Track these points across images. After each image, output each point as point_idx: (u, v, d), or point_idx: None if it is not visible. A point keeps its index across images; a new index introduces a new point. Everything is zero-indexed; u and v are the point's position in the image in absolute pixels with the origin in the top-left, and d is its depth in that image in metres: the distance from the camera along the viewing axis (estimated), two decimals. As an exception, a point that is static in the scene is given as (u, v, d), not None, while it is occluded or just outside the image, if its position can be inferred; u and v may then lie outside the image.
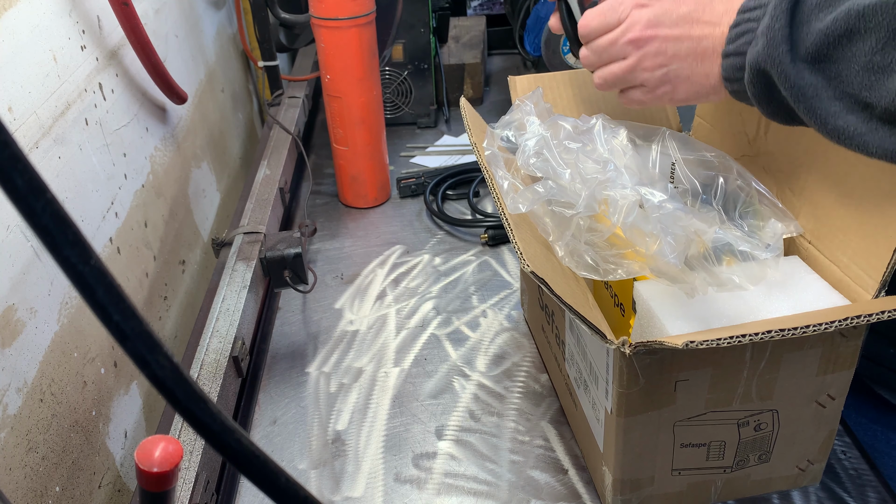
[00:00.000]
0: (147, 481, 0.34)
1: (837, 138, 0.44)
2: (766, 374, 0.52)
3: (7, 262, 0.60)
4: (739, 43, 0.48)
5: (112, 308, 0.22)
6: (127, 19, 0.81)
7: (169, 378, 0.23)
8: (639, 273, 0.52)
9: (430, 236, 1.01)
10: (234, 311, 0.74)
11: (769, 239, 0.54)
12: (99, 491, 0.71)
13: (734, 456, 0.57)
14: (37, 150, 0.66)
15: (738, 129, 0.66)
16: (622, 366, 0.49)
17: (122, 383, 0.79)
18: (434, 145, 1.25)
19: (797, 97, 0.45)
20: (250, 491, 0.65)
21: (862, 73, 0.42)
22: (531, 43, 1.25)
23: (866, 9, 0.40)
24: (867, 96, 0.42)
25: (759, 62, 0.46)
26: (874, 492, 0.61)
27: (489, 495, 0.64)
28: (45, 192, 0.20)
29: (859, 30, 0.41)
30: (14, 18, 0.65)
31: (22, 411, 0.60)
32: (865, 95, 0.42)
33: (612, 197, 0.52)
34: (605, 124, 0.59)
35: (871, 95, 0.42)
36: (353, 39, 0.95)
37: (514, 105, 0.64)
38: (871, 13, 0.40)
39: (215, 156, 1.21)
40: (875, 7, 0.40)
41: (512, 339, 0.81)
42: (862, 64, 0.42)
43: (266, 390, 0.77)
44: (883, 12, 0.40)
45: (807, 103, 0.45)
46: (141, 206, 0.88)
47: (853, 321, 0.45)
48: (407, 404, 0.74)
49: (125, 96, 0.87)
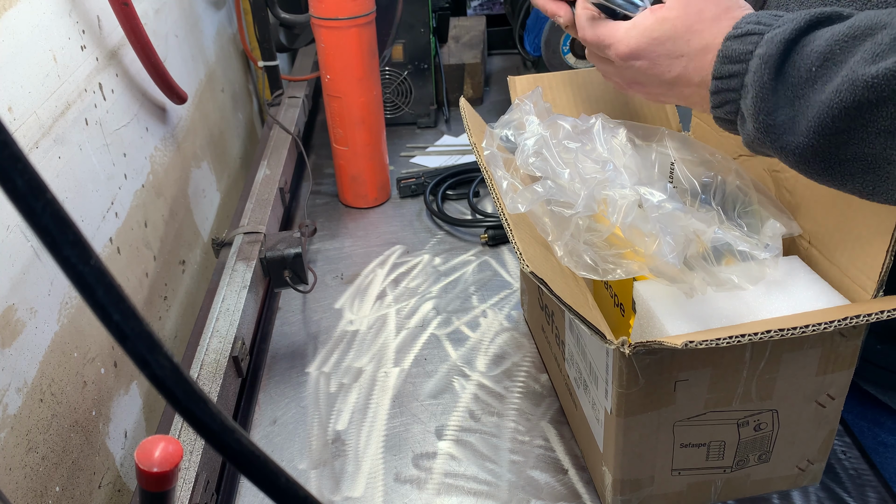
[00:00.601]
0: (147, 481, 0.34)
1: (859, 195, 0.45)
2: (765, 373, 0.52)
3: (7, 262, 0.60)
4: (725, 110, 0.49)
5: (112, 308, 0.22)
6: (127, 19, 0.81)
7: (169, 378, 0.23)
8: (638, 273, 0.52)
9: (430, 236, 1.01)
10: (234, 311, 0.74)
11: (768, 239, 0.54)
12: (99, 491, 0.71)
13: (734, 456, 0.57)
14: (37, 150, 0.66)
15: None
16: (622, 366, 0.49)
17: (122, 383, 0.79)
18: (434, 145, 1.25)
19: (806, 167, 0.45)
20: (250, 491, 0.65)
21: (882, 135, 0.41)
22: (531, 43, 1.25)
23: (873, 79, 0.39)
24: (891, 154, 0.41)
25: (754, 145, 0.47)
26: (874, 492, 0.61)
27: (489, 495, 0.64)
28: (45, 192, 0.20)
29: (870, 100, 0.40)
30: (14, 18, 0.65)
31: (22, 411, 0.60)
32: (890, 154, 0.41)
33: (612, 197, 0.52)
34: (604, 124, 0.59)
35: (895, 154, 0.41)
36: (353, 39, 0.95)
37: (514, 105, 0.64)
38: (877, 84, 0.39)
39: (215, 156, 1.21)
40: (882, 76, 0.39)
41: (512, 339, 0.81)
42: (881, 128, 0.40)
43: (266, 390, 0.77)
44: (889, 82, 0.39)
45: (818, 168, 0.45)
46: (141, 206, 0.88)
47: (853, 321, 0.45)
48: (407, 404, 0.74)
49: (125, 96, 0.87)
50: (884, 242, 0.49)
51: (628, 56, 0.54)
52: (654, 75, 0.53)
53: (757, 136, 0.46)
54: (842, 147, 0.43)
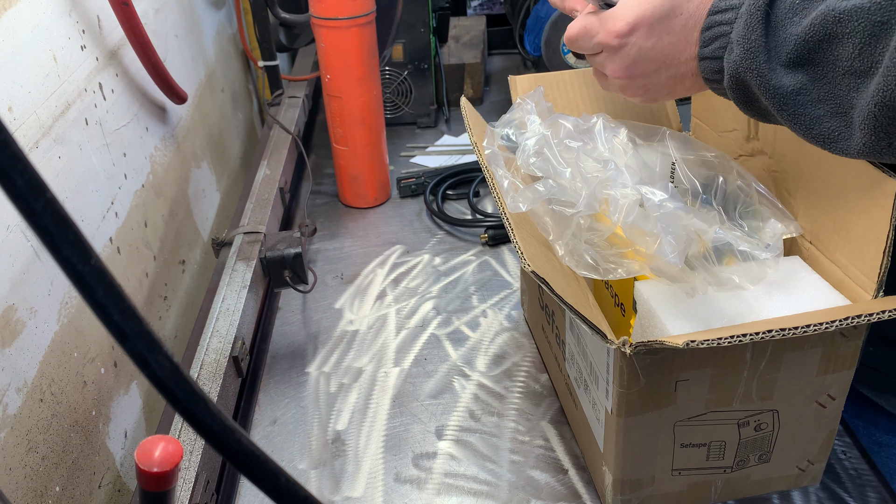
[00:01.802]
0: (147, 481, 0.34)
1: (823, 143, 0.45)
2: (766, 374, 0.52)
3: (7, 262, 0.60)
4: (714, 47, 0.48)
5: (112, 308, 0.22)
6: (127, 19, 0.81)
7: (169, 378, 0.23)
8: (639, 272, 0.52)
9: (430, 236, 1.01)
10: (234, 311, 0.74)
11: (769, 239, 0.54)
12: (99, 491, 0.71)
13: (734, 456, 0.57)
14: (37, 150, 0.66)
15: (734, 129, 0.66)
16: (623, 366, 0.49)
17: (122, 383, 0.79)
18: (434, 145, 1.25)
19: (780, 105, 0.45)
20: (250, 491, 0.65)
21: (846, 76, 0.42)
22: (531, 43, 1.25)
23: (842, 14, 0.41)
24: (854, 97, 0.42)
25: (738, 72, 0.46)
26: (874, 492, 0.61)
27: (489, 495, 0.64)
28: (45, 192, 0.20)
29: (837, 34, 0.41)
30: (14, 18, 0.65)
31: (22, 411, 0.60)
32: (853, 97, 0.42)
33: (613, 196, 0.52)
34: (605, 123, 0.59)
35: (857, 97, 0.42)
36: (353, 39, 0.95)
37: (515, 104, 0.64)
38: (846, 18, 0.40)
39: (215, 156, 1.21)
40: (850, 11, 0.40)
41: (512, 339, 0.81)
42: (845, 68, 0.42)
43: (266, 390, 0.77)
44: (858, 17, 0.40)
45: (790, 110, 0.45)
46: (141, 206, 0.88)
47: (854, 321, 0.45)
48: (407, 404, 0.74)
49: (125, 96, 0.87)
50: (878, 242, 0.49)
51: (625, 31, 0.53)
52: (651, 46, 0.52)
53: (742, 64, 0.45)
54: (814, 84, 0.43)
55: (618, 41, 0.53)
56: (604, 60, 0.56)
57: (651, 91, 0.56)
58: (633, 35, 0.53)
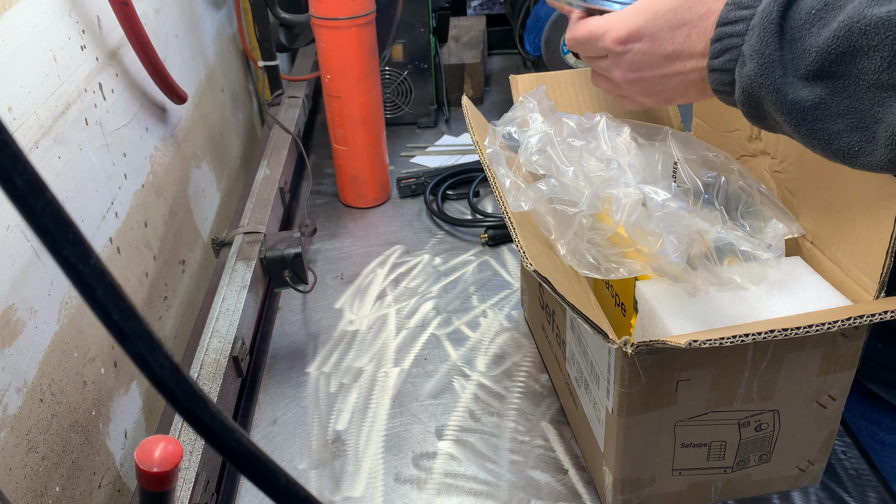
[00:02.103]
0: (147, 481, 0.34)
1: (843, 158, 0.43)
2: (767, 374, 0.52)
3: (7, 262, 0.60)
4: (724, 59, 0.47)
5: (112, 308, 0.22)
6: (127, 19, 0.81)
7: (169, 378, 0.23)
8: (640, 272, 0.52)
9: (430, 236, 1.01)
10: (234, 311, 0.74)
11: (771, 239, 0.54)
12: (99, 491, 0.71)
13: (735, 456, 0.57)
14: (37, 150, 0.66)
15: (736, 129, 0.66)
16: (624, 365, 0.49)
17: (122, 383, 0.79)
18: (434, 145, 1.25)
19: (797, 120, 0.44)
20: (250, 491, 0.65)
21: (871, 89, 0.41)
22: (531, 43, 1.25)
23: (868, 25, 0.39)
24: (879, 111, 0.41)
25: (752, 86, 0.45)
26: (874, 492, 0.61)
27: (489, 495, 0.63)
28: (45, 192, 0.20)
29: (863, 46, 0.40)
30: (14, 18, 0.65)
31: (22, 411, 0.59)
32: (877, 111, 0.41)
33: (615, 195, 0.52)
34: (608, 122, 0.59)
35: (883, 111, 0.40)
36: (353, 39, 0.95)
37: (517, 102, 0.64)
38: (872, 30, 0.39)
39: (215, 156, 1.21)
40: (877, 23, 0.39)
41: (512, 339, 0.81)
42: (871, 81, 0.40)
43: (266, 390, 0.77)
44: (886, 29, 0.39)
45: (808, 125, 0.44)
46: (141, 206, 0.88)
47: (855, 321, 0.45)
48: (407, 404, 0.73)
49: (125, 96, 0.87)
50: (882, 243, 0.49)
51: (627, 38, 0.52)
52: (654, 53, 0.52)
53: (756, 79, 0.44)
54: (834, 98, 0.42)
55: (621, 47, 0.53)
56: (609, 65, 0.56)
57: (661, 94, 0.55)
58: (637, 42, 0.52)
